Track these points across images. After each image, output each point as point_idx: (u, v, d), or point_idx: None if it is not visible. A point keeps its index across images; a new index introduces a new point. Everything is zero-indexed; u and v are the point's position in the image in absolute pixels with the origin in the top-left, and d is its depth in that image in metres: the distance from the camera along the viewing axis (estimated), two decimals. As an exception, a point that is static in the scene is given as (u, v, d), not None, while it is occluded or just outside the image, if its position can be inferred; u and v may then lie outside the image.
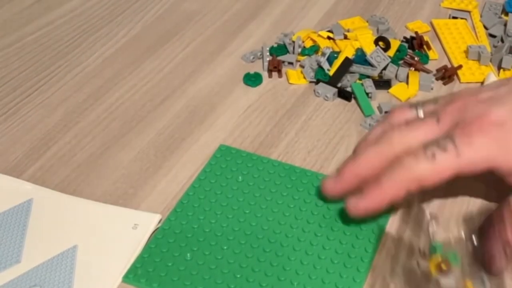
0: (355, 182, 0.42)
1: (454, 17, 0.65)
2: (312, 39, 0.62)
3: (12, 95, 0.58)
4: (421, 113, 0.43)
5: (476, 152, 0.39)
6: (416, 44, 0.60)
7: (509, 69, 0.57)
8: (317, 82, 0.56)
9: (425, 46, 0.60)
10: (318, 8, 0.69)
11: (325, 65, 0.57)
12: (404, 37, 0.62)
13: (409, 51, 0.60)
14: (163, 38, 0.65)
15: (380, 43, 0.59)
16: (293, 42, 0.61)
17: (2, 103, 0.57)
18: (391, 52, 0.59)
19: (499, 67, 0.57)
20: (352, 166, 0.42)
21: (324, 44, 0.61)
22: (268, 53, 0.60)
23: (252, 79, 0.58)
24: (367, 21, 0.65)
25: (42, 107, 0.56)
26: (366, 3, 0.69)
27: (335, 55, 0.58)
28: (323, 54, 0.58)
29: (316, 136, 0.52)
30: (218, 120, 0.54)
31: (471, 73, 0.58)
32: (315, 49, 0.60)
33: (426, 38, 0.61)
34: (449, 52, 0.60)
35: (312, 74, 0.57)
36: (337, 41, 0.61)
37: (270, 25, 0.66)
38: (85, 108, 0.56)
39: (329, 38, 0.61)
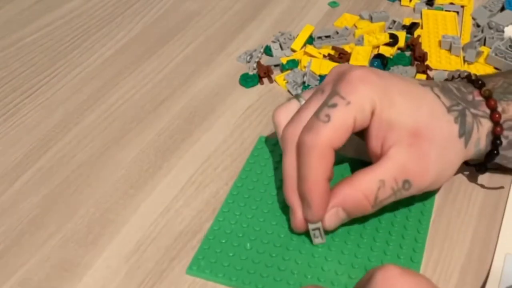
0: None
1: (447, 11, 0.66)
2: (308, 54, 0.60)
3: (12, 95, 0.58)
4: (303, 101, 0.43)
5: (362, 96, 0.39)
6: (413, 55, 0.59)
7: (472, 62, 0.57)
8: None
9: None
10: (318, 8, 0.69)
11: (311, 83, 0.56)
12: (403, 26, 0.63)
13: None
14: (163, 38, 0.65)
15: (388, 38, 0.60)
16: (285, 41, 0.61)
17: (2, 104, 0.57)
18: (401, 43, 0.60)
19: (464, 60, 0.58)
20: (287, 187, 0.42)
21: (306, 60, 0.59)
22: (260, 55, 0.60)
23: (248, 80, 0.57)
24: (371, 18, 0.65)
25: (42, 108, 0.56)
26: (366, 3, 0.69)
27: None
28: (305, 74, 0.56)
29: (316, 136, 0.52)
30: (218, 120, 0.54)
31: (438, 61, 0.58)
32: (295, 63, 0.59)
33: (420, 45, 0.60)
34: (424, 40, 0.61)
35: (299, 90, 0.55)
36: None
37: (270, 26, 0.66)
38: (85, 109, 0.56)
39: (329, 56, 0.59)
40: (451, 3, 0.67)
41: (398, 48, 0.60)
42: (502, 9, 0.65)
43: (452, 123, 0.41)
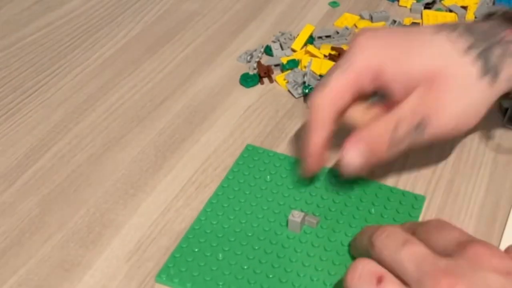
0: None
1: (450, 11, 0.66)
2: (310, 53, 0.60)
3: (12, 95, 0.58)
4: None
5: (361, 60, 0.42)
6: None
7: None
8: (306, 98, 0.55)
9: None
10: (318, 8, 0.69)
11: (311, 82, 0.56)
12: (404, 26, 0.63)
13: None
14: (163, 38, 0.65)
15: None
16: (285, 41, 0.61)
17: (2, 104, 0.57)
18: None
19: None
20: None
21: (306, 60, 0.59)
22: (260, 54, 0.60)
23: (248, 80, 0.57)
24: (371, 18, 0.65)
25: (43, 108, 0.56)
26: (367, 3, 0.69)
27: None
28: (305, 74, 0.56)
29: (317, 136, 0.52)
30: (218, 120, 0.54)
31: None
32: (296, 63, 0.59)
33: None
34: None
35: (299, 90, 0.56)
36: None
37: (271, 26, 0.66)
38: (85, 109, 0.56)
39: (330, 56, 0.59)
40: (454, 5, 0.67)
41: None
42: (503, 8, 0.65)
43: (470, 64, 0.40)
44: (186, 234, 0.43)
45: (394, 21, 0.64)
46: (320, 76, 0.57)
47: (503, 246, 0.41)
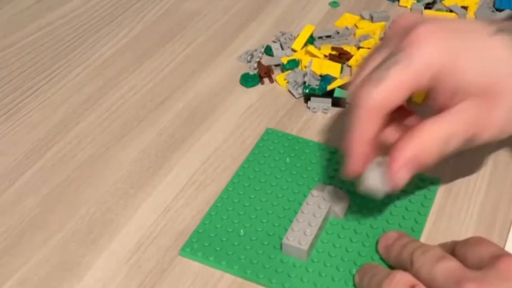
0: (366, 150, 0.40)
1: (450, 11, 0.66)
2: (310, 53, 0.60)
3: (13, 95, 0.58)
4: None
5: (425, 57, 0.38)
6: None
7: None
8: (306, 98, 0.55)
9: None
10: (318, 8, 0.69)
11: (312, 82, 0.56)
12: None
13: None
14: (164, 38, 0.65)
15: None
16: (285, 41, 0.61)
17: (2, 104, 0.57)
18: None
19: None
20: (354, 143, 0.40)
21: (307, 60, 0.59)
22: (260, 54, 0.60)
23: (248, 80, 0.57)
24: (372, 18, 0.65)
25: (43, 108, 0.56)
26: (367, 3, 0.69)
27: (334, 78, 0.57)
28: (306, 74, 0.56)
29: (317, 136, 0.52)
30: (218, 120, 0.54)
31: None
32: (296, 63, 0.59)
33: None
34: None
35: (300, 90, 0.56)
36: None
37: (271, 26, 0.66)
38: (85, 109, 0.56)
39: (331, 56, 0.59)
40: (455, 5, 0.67)
41: None
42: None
43: None
44: (208, 211, 0.45)
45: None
46: (321, 76, 0.57)
47: (506, 248, 0.41)
